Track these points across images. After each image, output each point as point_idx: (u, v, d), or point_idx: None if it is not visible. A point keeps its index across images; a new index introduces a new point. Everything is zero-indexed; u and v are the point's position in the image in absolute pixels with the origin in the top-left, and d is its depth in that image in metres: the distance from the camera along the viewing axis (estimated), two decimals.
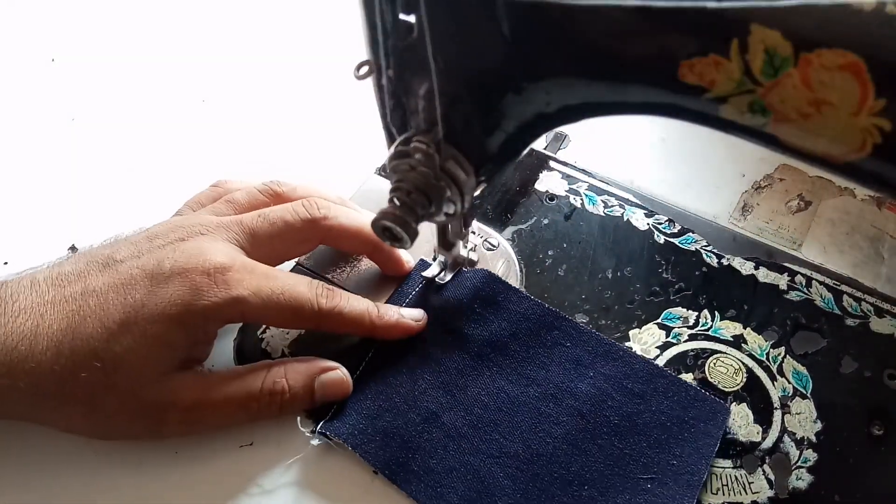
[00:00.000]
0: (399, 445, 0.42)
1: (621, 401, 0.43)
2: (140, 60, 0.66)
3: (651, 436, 0.42)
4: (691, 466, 0.41)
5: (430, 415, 0.43)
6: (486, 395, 0.44)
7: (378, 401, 0.44)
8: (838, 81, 0.25)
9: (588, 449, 0.42)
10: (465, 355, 0.46)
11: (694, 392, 0.43)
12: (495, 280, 0.48)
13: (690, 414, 0.43)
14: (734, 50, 0.26)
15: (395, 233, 0.36)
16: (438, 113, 0.33)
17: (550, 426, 0.43)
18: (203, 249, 0.40)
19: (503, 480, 0.41)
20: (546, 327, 0.46)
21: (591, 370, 0.45)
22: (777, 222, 0.53)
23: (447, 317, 0.47)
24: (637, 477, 0.41)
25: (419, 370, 0.45)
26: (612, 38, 0.29)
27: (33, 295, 0.39)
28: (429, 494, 0.40)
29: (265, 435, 0.43)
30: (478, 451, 0.42)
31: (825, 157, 0.27)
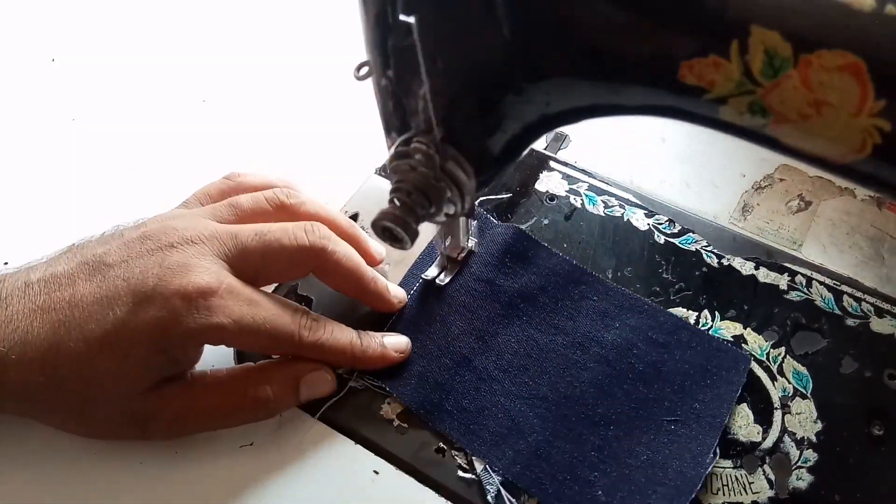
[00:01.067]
0: (433, 387, 0.44)
1: (646, 350, 0.46)
2: (140, 60, 0.66)
3: (675, 382, 0.44)
4: (713, 410, 0.43)
5: (463, 359, 0.45)
6: (515, 343, 0.46)
7: (412, 347, 0.46)
8: (838, 82, 0.25)
9: (614, 393, 0.44)
10: (496, 304, 0.48)
11: (717, 343, 0.46)
12: (526, 237, 0.51)
13: (713, 363, 0.45)
14: (734, 51, 0.26)
15: (396, 233, 0.36)
16: (438, 113, 0.33)
17: (578, 372, 0.45)
18: (189, 266, 0.39)
19: (533, 420, 0.43)
20: (574, 282, 0.49)
21: (616, 321, 0.47)
22: (777, 222, 0.53)
23: (479, 268, 0.49)
24: (661, 419, 0.43)
25: (451, 318, 0.47)
26: (612, 38, 0.29)
27: (25, 299, 0.38)
28: (462, 431, 0.43)
29: (265, 435, 0.43)
30: (508, 393, 0.44)
31: (825, 157, 0.27)
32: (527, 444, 0.42)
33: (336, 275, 0.44)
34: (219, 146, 0.60)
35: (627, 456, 0.42)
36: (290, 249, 0.42)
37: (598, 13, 0.29)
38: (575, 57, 0.31)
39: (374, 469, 0.42)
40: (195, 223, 0.42)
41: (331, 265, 0.43)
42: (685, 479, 0.40)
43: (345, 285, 0.45)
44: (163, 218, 0.43)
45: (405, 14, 0.30)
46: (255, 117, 0.62)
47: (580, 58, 0.31)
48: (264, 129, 0.61)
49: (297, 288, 0.49)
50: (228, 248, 0.41)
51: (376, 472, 0.42)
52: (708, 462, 0.41)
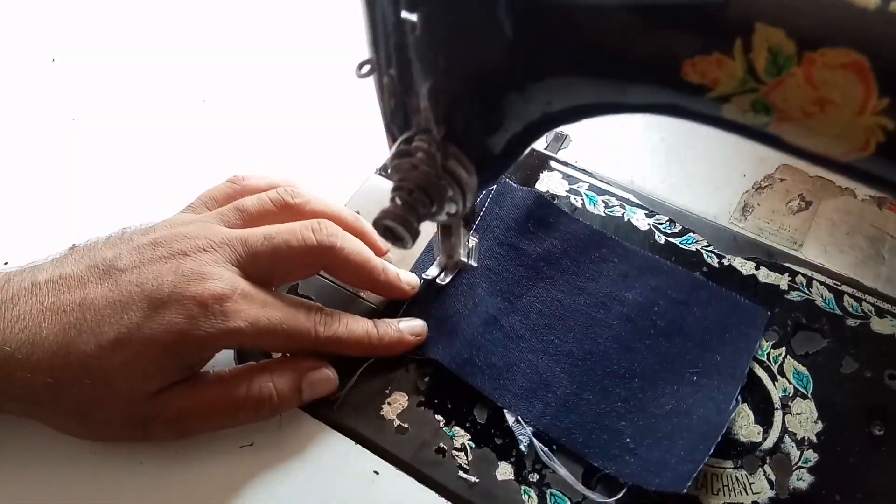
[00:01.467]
0: (463, 344, 0.45)
1: (666, 307, 0.47)
2: (140, 60, 0.66)
3: (695, 337, 0.46)
4: (734, 362, 0.44)
5: (490, 318, 0.47)
6: (540, 303, 0.48)
7: (441, 310, 0.47)
8: (841, 80, 0.24)
9: (637, 348, 0.46)
10: (519, 268, 0.50)
11: (734, 300, 0.48)
12: (547, 202, 0.53)
13: (731, 319, 0.47)
14: (738, 49, 0.26)
15: (397, 232, 0.36)
16: (440, 112, 0.33)
17: (601, 329, 0.47)
18: (203, 274, 0.39)
19: (560, 374, 0.45)
20: (594, 245, 0.51)
21: (637, 282, 0.49)
22: (777, 222, 0.53)
23: (502, 233, 0.51)
24: (684, 371, 0.45)
25: (477, 280, 0.49)
26: (614, 37, 0.29)
27: (33, 300, 0.38)
28: (493, 386, 0.44)
29: (265, 435, 0.43)
30: (535, 350, 0.46)
31: (828, 156, 0.27)
32: (555, 397, 0.44)
33: (347, 270, 0.45)
34: (219, 146, 0.59)
35: (653, 406, 0.43)
36: (299, 250, 0.42)
37: (600, 11, 0.29)
38: (577, 55, 0.31)
39: (374, 469, 0.42)
40: (205, 230, 0.42)
41: (340, 262, 0.44)
42: (710, 425, 0.42)
43: (356, 279, 0.46)
44: (172, 224, 0.43)
45: (408, 12, 0.30)
46: (255, 117, 0.62)
47: (582, 56, 0.31)
48: (264, 129, 0.61)
49: (298, 288, 0.49)
50: (239, 253, 0.41)
51: (376, 472, 0.42)
52: (731, 409, 0.42)
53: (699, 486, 0.41)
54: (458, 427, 0.44)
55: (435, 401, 0.45)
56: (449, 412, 0.44)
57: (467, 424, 0.44)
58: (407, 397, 0.45)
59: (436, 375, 0.46)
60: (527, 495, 0.41)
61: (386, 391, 0.45)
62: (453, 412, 0.44)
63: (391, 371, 0.46)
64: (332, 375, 0.44)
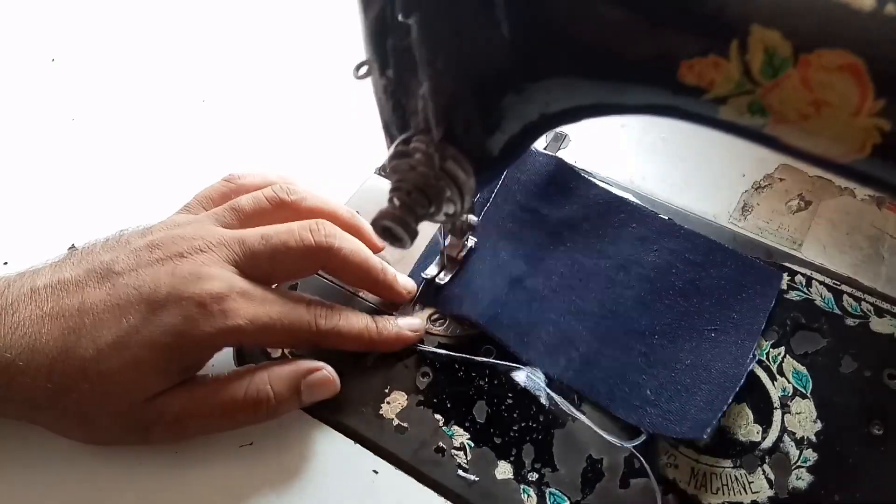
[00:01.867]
0: (489, 302, 0.47)
1: (684, 269, 0.49)
2: (140, 60, 0.66)
3: (712, 296, 0.48)
4: (750, 319, 0.46)
5: (514, 280, 0.49)
6: (562, 266, 0.50)
7: (466, 271, 0.49)
8: (838, 82, 0.24)
9: (656, 307, 0.47)
10: (541, 232, 0.51)
11: (750, 262, 0.49)
12: (568, 168, 0.54)
13: (747, 279, 0.48)
14: (734, 50, 0.26)
15: (395, 233, 0.36)
16: (438, 113, 0.33)
17: (622, 290, 0.48)
18: (200, 275, 0.39)
19: (582, 332, 0.46)
20: (614, 210, 0.52)
21: (655, 245, 0.50)
22: (777, 222, 0.53)
23: (523, 198, 0.53)
24: (702, 328, 0.46)
25: (501, 244, 0.50)
26: (611, 38, 0.29)
27: (32, 305, 0.38)
28: (517, 342, 0.46)
29: (265, 435, 0.43)
30: (558, 309, 0.47)
31: (825, 157, 0.27)
32: (578, 353, 0.45)
33: (345, 270, 0.45)
34: (219, 146, 0.60)
35: (672, 361, 0.45)
36: (297, 251, 0.42)
37: (597, 13, 0.29)
38: (575, 56, 0.31)
39: (373, 468, 0.42)
40: (202, 231, 0.42)
41: (339, 262, 0.44)
42: (728, 377, 0.43)
43: (355, 279, 0.47)
44: (168, 226, 0.43)
45: (405, 14, 0.30)
46: (255, 117, 0.62)
47: (580, 57, 0.31)
48: (264, 128, 0.61)
49: (297, 287, 0.49)
50: (237, 253, 0.41)
51: (376, 472, 0.42)
52: (748, 362, 0.44)
53: (698, 485, 0.41)
54: (457, 426, 0.44)
55: (434, 400, 0.45)
56: (448, 411, 0.44)
57: (466, 424, 0.44)
58: (406, 396, 0.45)
59: (435, 375, 0.46)
60: (526, 494, 0.41)
61: (385, 390, 0.45)
62: (452, 411, 0.44)
63: (390, 370, 0.46)
64: (333, 377, 0.43)
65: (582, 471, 0.42)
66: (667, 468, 0.42)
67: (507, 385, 0.45)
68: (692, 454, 0.42)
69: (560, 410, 0.43)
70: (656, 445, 0.43)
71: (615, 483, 0.41)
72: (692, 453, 0.42)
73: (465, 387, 0.45)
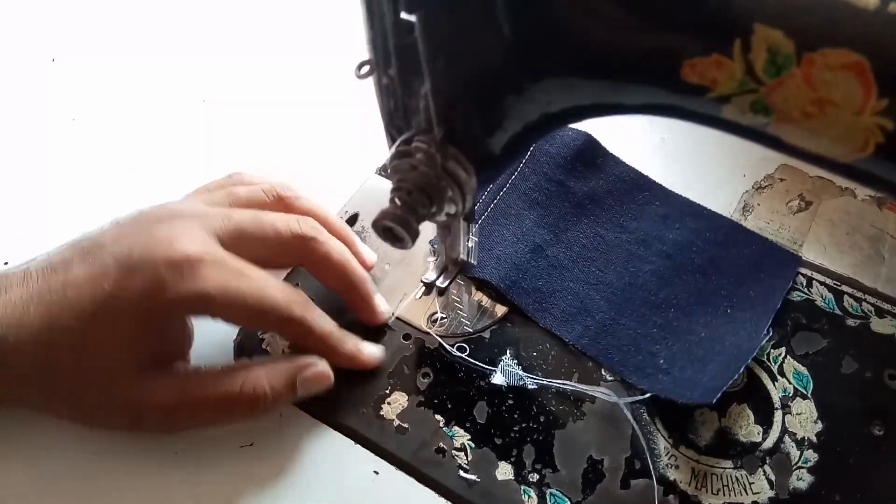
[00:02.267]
0: (510, 268, 0.49)
1: (704, 247, 0.50)
2: (140, 60, 0.66)
3: (730, 275, 0.49)
4: (766, 298, 0.47)
5: (536, 247, 0.50)
6: (584, 237, 0.51)
7: (490, 237, 0.50)
8: (841, 81, 0.25)
9: (674, 282, 0.48)
10: (566, 203, 0.52)
11: (770, 244, 0.50)
12: (596, 144, 0.55)
13: (766, 260, 0.49)
14: (737, 49, 0.26)
15: (397, 233, 0.36)
16: (440, 112, 0.33)
17: (641, 264, 0.50)
18: (174, 237, 0.39)
19: (600, 302, 0.48)
20: (638, 188, 0.54)
21: (678, 223, 0.51)
22: (777, 222, 0.53)
23: (551, 169, 0.54)
24: (718, 304, 0.47)
25: (525, 212, 0.52)
26: (613, 37, 0.29)
27: (23, 286, 0.39)
28: (536, 308, 0.48)
29: (265, 435, 0.43)
30: (577, 279, 0.49)
31: (828, 156, 0.27)
32: (594, 321, 0.47)
33: (325, 267, 0.45)
34: (219, 146, 0.59)
35: (687, 333, 0.46)
36: (282, 235, 0.42)
37: (599, 12, 0.29)
38: (576, 56, 0.31)
39: (374, 469, 0.42)
40: (188, 204, 0.43)
41: (319, 256, 0.44)
42: (740, 351, 0.44)
43: (334, 280, 0.46)
44: (160, 205, 0.43)
45: (407, 12, 0.30)
46: (254, 117, 0.62)
47: (581, 57, 0.31)
48: (265, 128, 0.61)
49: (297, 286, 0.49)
50: (221, 225, 0.41)
51: (376, 473, 0.42)
52: (762, 337, 0.45)
53: (699, 485, 0.41)
54: (457, 427, 0.44)
55: (435, 401, 0.45)
56: (449, 412, 0.44)
57: (467, 424, 0.44)
58: (407, 397, 0.45)
59: (436, 375, 0.46)
60: (527, 495, 0.41)
61: (386, 391, 0.45)
62: (453, 412, 0.44)
63: (391, 371, 0.46)
64: (328, 372, 0.43)
65: (582, 471, 0.42)
66: (667, 469, 0.42)
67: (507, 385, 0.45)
68: (693, 455, 0.42)
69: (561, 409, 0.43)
70: (657, 446, 0.42)
71: (616, 484, 0.41)
72: (693, 454, 0.42)
73: (466, 387, 0.45)
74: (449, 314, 0.49)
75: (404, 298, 0.49)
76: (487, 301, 0.49)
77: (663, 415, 0.44)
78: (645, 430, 0.43)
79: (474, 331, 0.48)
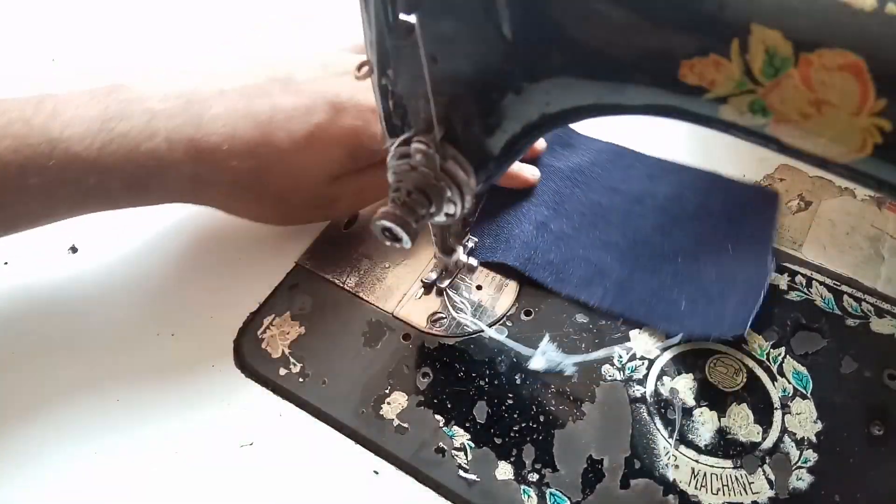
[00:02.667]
0: (521, 246, 0.50)
1: (692, 197, 0.53)
2: (140, 60, 0.66)
3: (722, 216, 0.51)
4: (761, 233, 0.50)
5: (540, 224, 0.52)
6: (582, 206, 0.53)
7: (494, 223, 0.52)
8: (839, 82, 0.24)
9: (675, 232, 0.51)
10: (555, 180, 0.54)
11: (749, 186, 0.54)
12: (568, 129, 0.57)
13: (751, 199, 0.52)
14: (734, 50, 0.26)
15: (395, 233, 0.36)
16: (439, 113, 0.33)
17: (640, 221, 0.52)
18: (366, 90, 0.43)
19: (612, 263, 0.50)
20: (618, 156, 0.56)
21: (663, 180, 0.54)
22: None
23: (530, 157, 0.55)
24: (719, 245, 0.50)
25: (519, 201, 0.53)
26: (612, 38, 0.29)
27: (225, 103, 0.44)
28: (554, 279, 0.49)
29: (265, 435, 0.43)
30: (585, 245, 0.51)
31: (826, 157, 0.27)
32: (612, 281, 0.49)
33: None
34: None
35: (699, 276, 0.48)
36: None
37: (598, 13, 0.29)
38: (575, 57, 0.31)
39: (374, 469, 0.42)
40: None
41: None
42: (753, 282, 0.47)
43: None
44: (329, 52, 0.50)
45: (406, 13, 0.30)
46: None
47: (580, 57, 0.31)
48: None
49: (298, 285, 0.50)
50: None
51: (376, 472, 0.42)
52: (769, 267, 0.48)
53: (699, 485, 0.41)
54: (457, 427, 0.44)
55: (434, 401, 0.45)
56: (448, 412, 0.44)
57: (467, 424, 0.44)
58: (406, 397, 0.45)
59: (435, 375, 0.46)
60: (526, 495, 0.41)
61: (385, 391, 0.45)
62: (452, 412, 0.44)
63: (391, 371, 0.46)
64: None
65: (582, 471, 0.42)
66: (667, 468, 0.42)
67: (507, 385, 0.45)
68: (693, 454, 0.42)
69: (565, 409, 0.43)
70: (658, 446, 0.42)
71: (615, 483, 0.41)
72: (692, 454, 0.42)
73: (466, 387, 0.45)
74: (449, 314, 0.49)
75: (404, 298, 0.49)
76: (488, 301, 0.49)
77: (663, 415, 0.44)
78: (645, 430, 0.43)
79: (474, 331, 0.48)
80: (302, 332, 0.48)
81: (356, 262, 0.51)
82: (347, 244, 0.52)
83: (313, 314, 0.49)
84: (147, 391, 0.45)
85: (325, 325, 0.48)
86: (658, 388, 0.45)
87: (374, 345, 0.47)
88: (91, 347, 0.47)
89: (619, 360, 0.46)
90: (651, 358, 0.46)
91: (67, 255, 0.52)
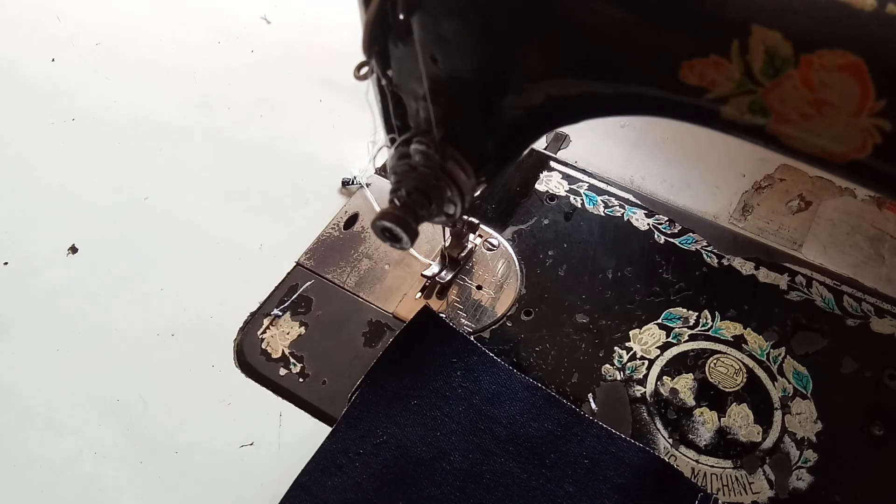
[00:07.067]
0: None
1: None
2: (140, 60, 0.66)
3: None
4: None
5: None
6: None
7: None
8: (838, 82, 0.24)
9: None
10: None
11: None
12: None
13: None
14: (735, 51, 0.26)
15: (395, 233, 0.36)
16: (438, 114, 0.33)
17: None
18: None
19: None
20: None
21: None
22: (777, 222, 0.53)
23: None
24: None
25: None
26: (612, 39, 0.29)
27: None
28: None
29: (265, 435, 0.43)
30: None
31: (826, 157, 0.27)
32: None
33: None
34: (219, 146, 0.59)
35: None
36: None
37: (598, 14, 0.29)
38: (575, 57, 0.31)
39: None
40: None
41: None
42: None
43: None
44: None
45: (405, 14, 0.30)
46: (254, 118, 0.62)
47: (580, 58, 0.31)
48: (265, 128, 0.61)
49: (298, 286, 0.50)
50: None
51: None
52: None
53: (699, 486, 0.41)
54: None
55: None
56: None
57: None
58: None
59: None
60: None
61: None
62: None
63: None
64: None
65: None
66: None
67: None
68: (693, 455, 0.42)
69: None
70: (658, 446, 0.42)
71: None
72: (693, 454, 0.42)
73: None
74: (449, 314, 0.49)
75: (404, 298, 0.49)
76: (488, 301, 0.49)
77: (663, 415, 0.44)
78: (645, 430, 0.43)
79: (474, 331, 0.48)
80: (302, 332, 0.48)
81: (356, 262, 0.51)
82: (347, 244, 0.52)
83: (313, 314, 0.49)
84: (147, 391, 0.45)
85: (325, 325, 0.48)
86: (658, 388, 0.45)
87: (374, 345, 0.47)
88: (91, 347, 0.47)
89: (619, 360, 0.46)
90: (651, 358, 0.46)
91: (67, 255, 0.52)
